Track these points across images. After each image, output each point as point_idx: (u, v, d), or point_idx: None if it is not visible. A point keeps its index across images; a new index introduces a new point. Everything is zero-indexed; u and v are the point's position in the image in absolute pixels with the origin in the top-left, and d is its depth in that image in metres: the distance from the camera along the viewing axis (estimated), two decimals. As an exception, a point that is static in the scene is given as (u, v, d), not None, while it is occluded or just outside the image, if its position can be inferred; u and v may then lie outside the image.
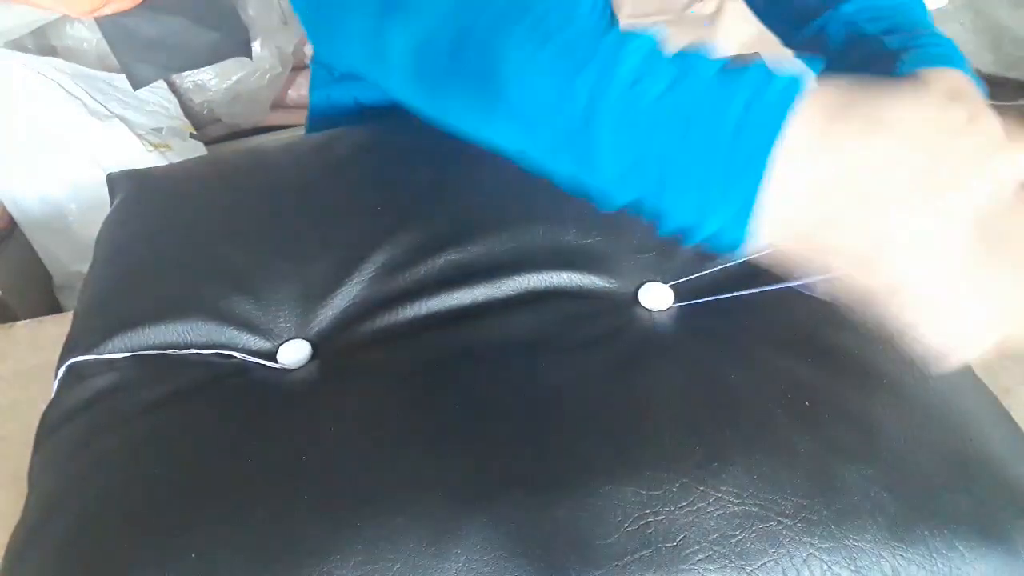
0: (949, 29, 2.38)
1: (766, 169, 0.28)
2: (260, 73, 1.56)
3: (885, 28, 0.47)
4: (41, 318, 0.90)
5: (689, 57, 0.32)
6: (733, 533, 0.39)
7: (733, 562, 0.39)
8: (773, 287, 0.47)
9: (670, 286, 0.55)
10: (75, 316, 0.59)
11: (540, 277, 0.55)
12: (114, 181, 0.71)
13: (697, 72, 0.31)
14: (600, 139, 0.32)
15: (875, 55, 0.45)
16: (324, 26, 0.40)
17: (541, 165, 0.36)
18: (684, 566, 0.39)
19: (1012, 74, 2.15)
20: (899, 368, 0.46)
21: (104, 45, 1.38)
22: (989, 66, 2.22)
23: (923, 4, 0.50)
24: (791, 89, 0.29)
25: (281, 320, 0.55)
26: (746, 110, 0.29)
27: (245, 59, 1.52)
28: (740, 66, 0.30)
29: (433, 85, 0.37)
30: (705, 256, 0.56)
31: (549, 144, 0.34)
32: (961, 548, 0.39)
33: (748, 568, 0.39)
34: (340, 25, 0.39)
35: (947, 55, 0.42)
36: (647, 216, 0.34)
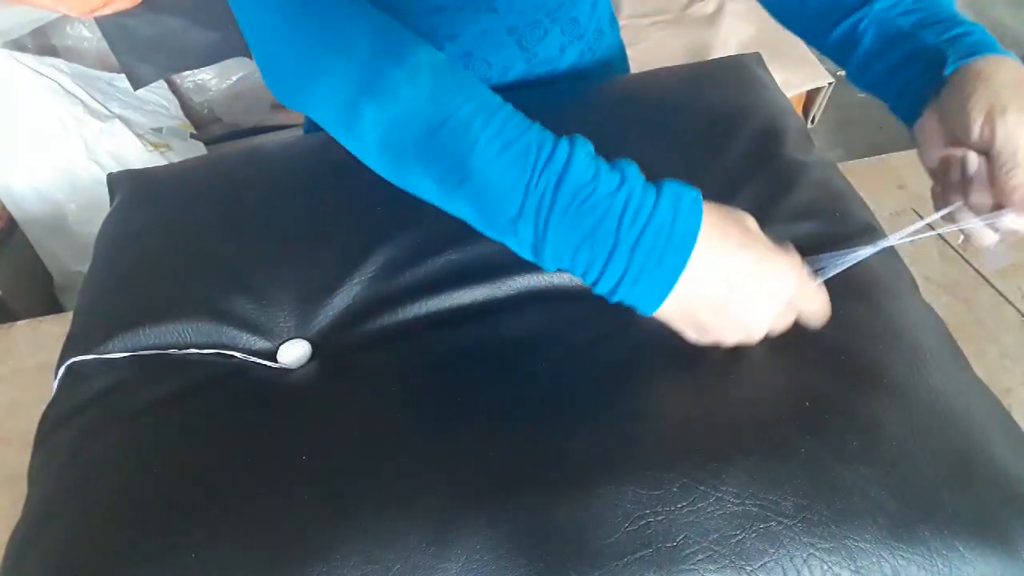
0: (949, 29, 2.37)
1: (684, 265, 0.39)
2: (260, 73, 1.56)
3: (918, 21, 0.48)
4: (41, 318, 0.90)
5: (623, 166, 0.40)
6: (733, 533, 0.39)
7: (733, 562, 0.39)
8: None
9: None
10: (75, 316, 0.59)
11: (540, 277, 0.55)
12: (114, 181, 0.71)
13: (630, 181, 0.39)
14: (550, 225, 0.39)
15: (915, 52, 0.47)
16: (293, 84, 0.43)
17: (489, 235, 0.42)
18: (684, 566, 0.39)
19: (1012, 74, 2.15)
20: (899, 369, 0.46)
21: (104, 45, 1.38)
22: (989, 66, 2.23)
23: None
24: (697, 206, 0.40)
25: (281, 320, 0.55)
26: (673, 219, 0.39)
27: (245, 59, 1.52)
28: (658, 182, 0.40)
29: (399, 159, 0.42)
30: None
31: (502, 222, 0.40)
32: (961, 548, 0.39)
33: (748, 568, 0.39)
34: (312, 88, 0.42)
35: (984, 41, 0.45)
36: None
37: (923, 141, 0.48)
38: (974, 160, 0.45)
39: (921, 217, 0.88)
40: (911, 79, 0.48)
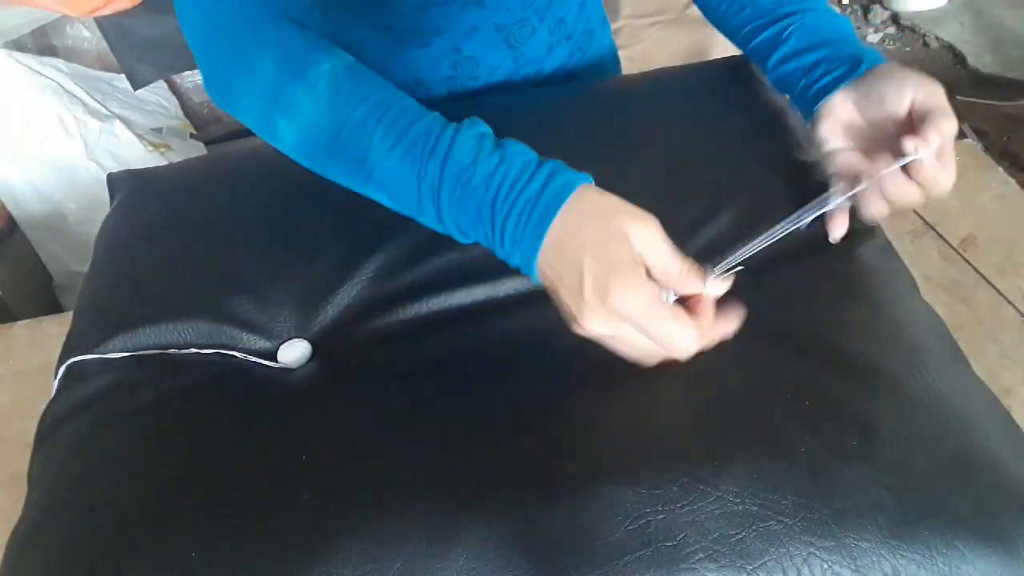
0: (949, 29, 2.38)
1: (546, 234, 0.42)
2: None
3: (841, 36, 0.58)
4: (41, 318, 0.90)
5: (506, 146, 0.44)
6: (733, 532, 0.39)
7: (733, 561, 0.39)
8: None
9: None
10: (75, 316, 0.59)
11: (540, 277, 0.55)
12: (114, 181, 0.71)
13: (508, 161, 0.43)
14: (444, 208, 0.44)
15: (834, 55, 0.57)
16: (221, 93, 0.49)
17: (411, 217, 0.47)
18: (684, 565, 0.39)
19: (1012, 74, 2.15)
20: (899, 368, 0.46)
21: (104, 45, 1.38)
22: (989, 66, 2.22)
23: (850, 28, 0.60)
24: (567, 187, 0.42)
25: (281, 320, 0.56)
26: (539, 194, 0.42)
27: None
28: (542, 161, 0.43)
29: (316, 163, 0.47)
30: (702, 256, 0.56)
31: (411, 208, 0.45)
32: (961, 547, 0.39)
33: (748, 567, 0.39)
34: (235, 99, 0.48)
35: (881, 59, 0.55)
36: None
37: (827, 117, 0.56)
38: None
39: (921, 217, 0.88)
40: (829, 71, 0.57)
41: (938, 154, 0.49)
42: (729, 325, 0.45)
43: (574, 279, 0.41)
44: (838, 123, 0.56)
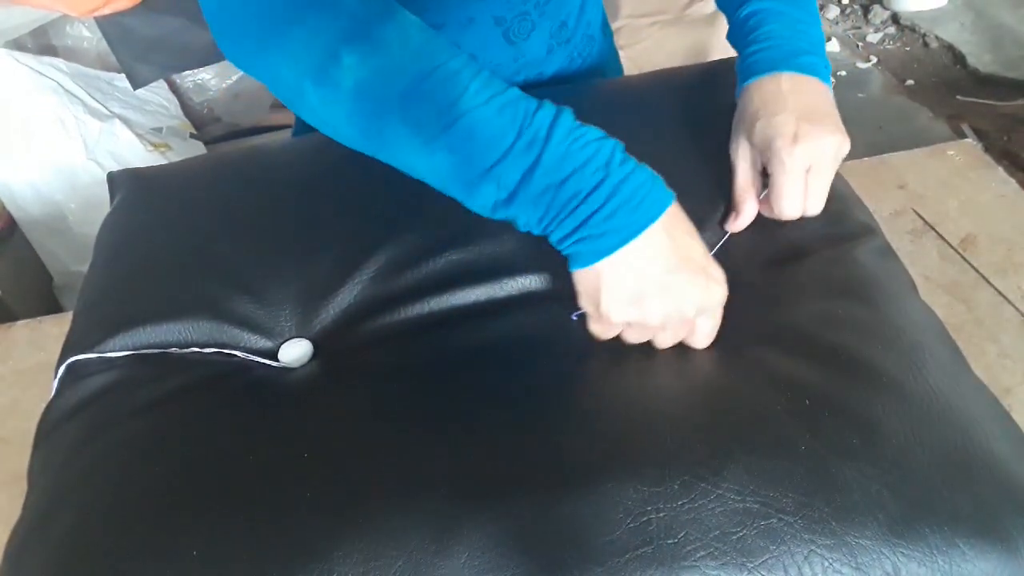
0: (949, 29, 2.38)
1: (654, 220, 0.43)
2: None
3: (759, 33, 0.58)
4: (41, 318, 0.90)
5: (607, 138, 0.44)
6: (734, 530, 0.39)
7: (734, 559, 0.39)
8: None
9: None
10: (75, 315, 0.59)
11: (540, 277, 0.55)
12: (114, 180, 0.71)
13: (614, 150, 0.43)
14: (542, 163, 0.41)
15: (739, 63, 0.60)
16: (257, 36, 0.42)
17: (455, 191, 0.44)
18: (685, 563, 0.39)
19: (1012, 74, 2.15)
20: (899, 368, 0.46)
21: (104, 45, 1.38)
22: (989, 66, 2.22)
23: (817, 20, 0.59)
24: (670, 191, 0.44)
25: (282, 319, 0.56)
26: (653, 180, 0.44)
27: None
28: (620, 151, 0.44)
29: (377, 108, 0.42)
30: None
31: (476, 176, 0.42)
32: (962, 546, 0.39)
33: (749, 565, 0.39)
34: (282, 40, 0.42)
35: (765, 59, 0.56)
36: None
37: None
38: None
39: (921, 217, 0.88)
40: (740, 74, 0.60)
41: (795, 181, 0.53)
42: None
43: (670, 263, 0.44)
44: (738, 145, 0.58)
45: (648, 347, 0.49)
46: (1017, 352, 0.70)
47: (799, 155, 0.52)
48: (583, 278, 0.45)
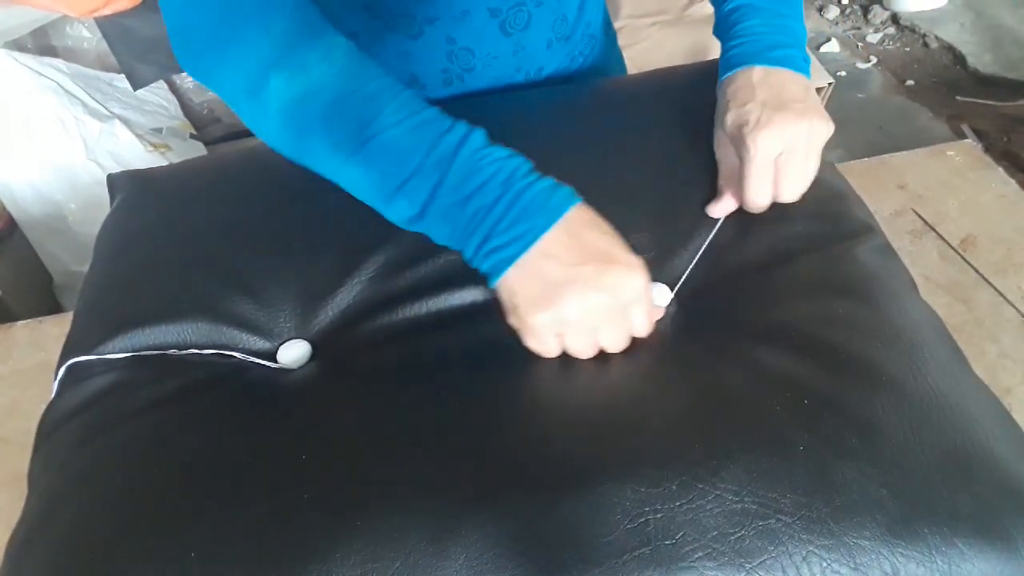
0: (949, 29, 2.38)
1: (553, 223, 0.44)
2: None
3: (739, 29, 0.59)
4: (41, 318, 0.90)
5: (513, 156, 0.46)
6: (732, 531, 0.39)
7: (732, 560, 0.39)
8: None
9: (667, 284, 0.55)
10: (75, 316, 0.59)
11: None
12: (114, 181, 0.71)
13: (520, 156, 0.46)
14: (446, 182, 0.44)
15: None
16: (203, 50, 0.46)
17: (374, 204, 0.47)
18: (683, 564, 0.39)
19: (1012, 74, 2.15)
20: (898, 367, 0.46)
21: (104, 45, 1.38)
22: (989, 66, 2.23)
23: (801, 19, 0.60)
24: (573, 196, 0.46)
25: (281, 320, 0.56)
26: (556, 187, 0.45)
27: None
28: (526, 168, 0.46)
29: (301, 127, 0.45)
30: (701, 256, 0.56)
31: (391, 190, 0.45)
32: (961, 546, 0.39)
33: (747, 566, 0.39)
34: (223, 55, 0.45)
35: (743, 53, 0.58)
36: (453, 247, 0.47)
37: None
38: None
39: (921, 217, 0.88)
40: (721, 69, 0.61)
41: (760, 168, 0.54)
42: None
43: (578, 262, 0.44)
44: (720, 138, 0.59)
45: (645, 349, 0.49)
46: (1017, 352, 0.70)
47: (763, 142, 0.53)
48: (501, 294, 0.46)
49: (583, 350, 0.47)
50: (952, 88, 2.15)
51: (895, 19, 2.43)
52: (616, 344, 0.48)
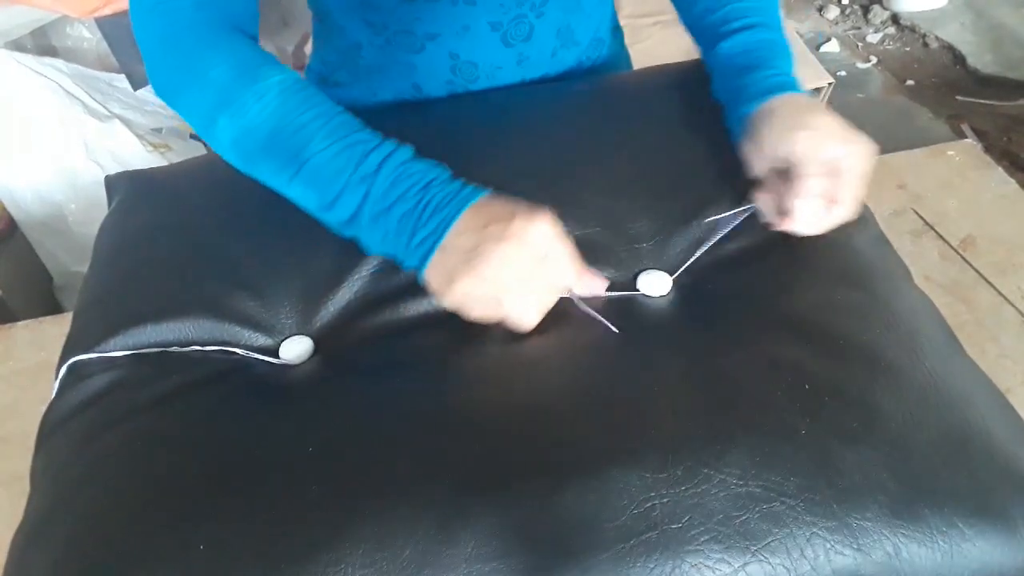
0: (949, 29, 2.38)
1: (458, 215, 0.48)
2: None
3: (744, 65, 0.60)
4: (41, 318, 0.90)
5: (433, 163, 0.51)
6: (738, 514, 0.40)
7: (738, 543, 0.39)
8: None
9: (667, 272, 0.56)
10: (75, 316, 0.59)
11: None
12: (112, 183, 0.71)
13: (440, 167, 0.51)
14: (373, 191, 0.49)
15: (735, 91, 0.61)
16: (167, 92, 0.55)
17: (316, 216, 0.52)
18: (690, 547, 0.39)
19: (1012, 74, 2.15)
20: (896, 352, 0.47)
21: (104, 45, 1.38)
22: (989, 66, 2.23)
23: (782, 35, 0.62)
24: (479, 191, 0.50)
25: (283, 316, 0.56)
26: (460, 191, 0.49)
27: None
28: (444, 176, 0.50)
29: (248, 157, 0.53)
30: (698, 242, 0.57)
31: (328, 202, 0.50)
32: (961, 525, 0.40)
33: (753, 548, 0.39)
34: (181, 99, 0.54)
35: (779, 84, 0.58)
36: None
37: (745, 156, 0.59)
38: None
39: (921, 217, 0.88)
40: (732, 112, 0.61)
41: (828, 196, 0.53)
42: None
43: (482, 228, 0.47)
44: (751, 153, 0.58)
45: (646, 337, 0.49)
46: (1017, 352, 0.70)
47: (819, 166, 0.53)
48: (430, 283, 0.49)
49: (523, 310, 0.49)
50: (952, 88, 2.15)
51: (895, 19, 2.44)
52: (547, 296, 0.50)
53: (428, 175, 0.50)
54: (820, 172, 0.53)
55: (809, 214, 0.54)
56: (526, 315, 0.49)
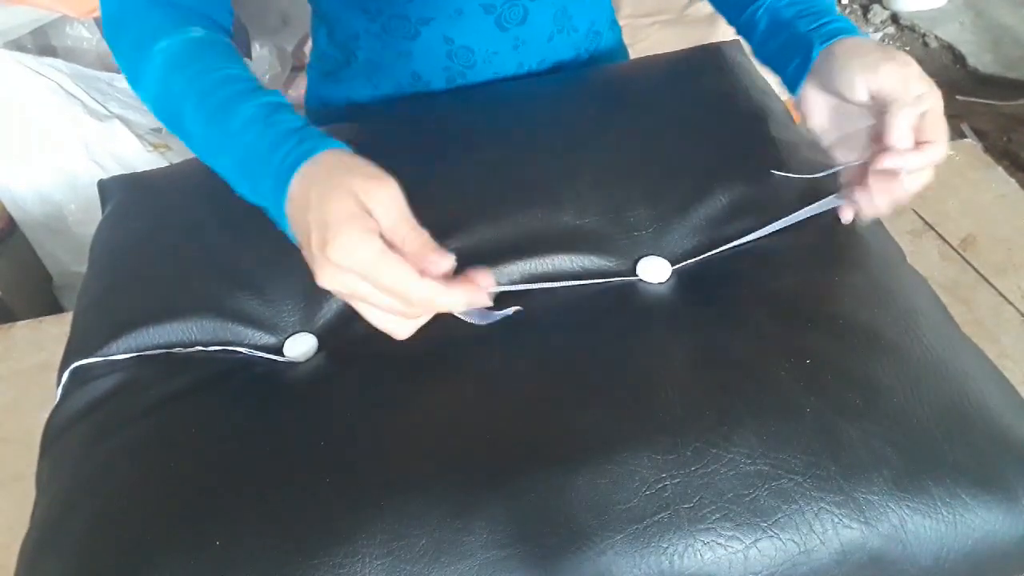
0: (949, 29, 2.38)
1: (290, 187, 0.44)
2: (260, 73, 1.56)
3: (796, 12, 0.58)
4: (41, 318, 0.90)
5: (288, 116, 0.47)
6: (747, 492, 0.41)
7: (748, 520, 0.40)
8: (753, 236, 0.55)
9: (666, 258, 0.56)
10: (74, 320, 0.58)
11: (542, 261, 0.56)
12: (105, 187, 0.70)
13: (304, 124, 0.47)
14: (236, 176, 0.48)
15: (792, 38, 0.58)
16: (124, 69, 0.56)
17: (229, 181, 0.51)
18: (702, 526, 0.40)
19: (1012, 74, 2.15)
20: (894, 329, 0.48)
21: (104, 45, 1.37)
22: (989, 66, 2.23)
23: None
24: (332, 143, 0.45)
25: (286, 314, 0.56)
26: (284, 159, 0.45)
27: (245, 59, 1.52)
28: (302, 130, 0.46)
29: (171, 129, 0.54)
30: (697, 230, 0.57)
31: (221, 169, 0.50)
32: (964, 496, 0.41)
33: (763, 524, 0.40)
34: (118, 59, 0.56)
35: (843, 28, 0.55)
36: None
37: (805, 105, 0.57)
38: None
39: (921, 217, 0.88)
40: (790, 59, 0.58)
41: (918, 136, 0.49)
42: (483, 282, 0.44)
43: (305, 235, 0.42)
44: (821, 114, 0.56)
45: (650, 320, 0.50)
46: (1017, 352, 0.70)
47: (913, 85, 0.50)
48: (297, 237, 0.44)
49: (384, 326, 0.43)
50: (952, 88, 2.15)
51: (895, 19, 2.44)
52: (404, 238, 0.43)
53: (299, 121, 0.47)
54: (913, 104, 0.49)
55: (910, 147, 0.49)
56: (394, 331, 0.44)
